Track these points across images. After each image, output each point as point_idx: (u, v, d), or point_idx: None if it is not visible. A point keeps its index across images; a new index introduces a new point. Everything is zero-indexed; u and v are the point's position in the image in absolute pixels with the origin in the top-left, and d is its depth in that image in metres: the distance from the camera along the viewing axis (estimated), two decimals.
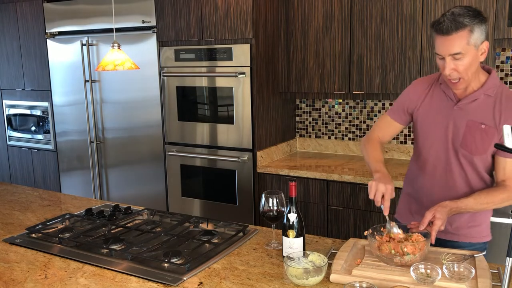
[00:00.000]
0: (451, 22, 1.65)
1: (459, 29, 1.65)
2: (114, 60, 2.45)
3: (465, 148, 1.83)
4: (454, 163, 1.87)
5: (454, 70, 1.71)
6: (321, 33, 3.32)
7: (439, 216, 1.69)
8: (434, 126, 1.89)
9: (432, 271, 1.53)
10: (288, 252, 1.72)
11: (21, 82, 4.51)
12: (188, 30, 3.45)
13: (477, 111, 1.81)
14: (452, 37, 1.66)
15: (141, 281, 1.65)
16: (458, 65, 1.70)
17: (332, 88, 3.33)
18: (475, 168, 1.85)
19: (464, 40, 1.66)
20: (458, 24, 1.65)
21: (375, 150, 2.01)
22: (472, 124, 1.80)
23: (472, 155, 1.82)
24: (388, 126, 2.07)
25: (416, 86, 1.99)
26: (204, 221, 2.19)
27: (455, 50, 1.67)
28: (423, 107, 1.94)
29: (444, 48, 1.69)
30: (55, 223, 2.23)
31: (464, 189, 1.88)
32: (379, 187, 1.74)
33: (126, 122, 3.90)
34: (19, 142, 4.66)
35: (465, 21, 1.65)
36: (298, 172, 3.21)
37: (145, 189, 3.88)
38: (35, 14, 4.25)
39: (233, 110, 3.37)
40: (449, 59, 1.70)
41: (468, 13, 1.67)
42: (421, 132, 1.95)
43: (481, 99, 1.80)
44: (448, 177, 1.90)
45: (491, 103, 1.80)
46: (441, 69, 1.75)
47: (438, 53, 1.72)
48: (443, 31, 1.67)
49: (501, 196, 1.78)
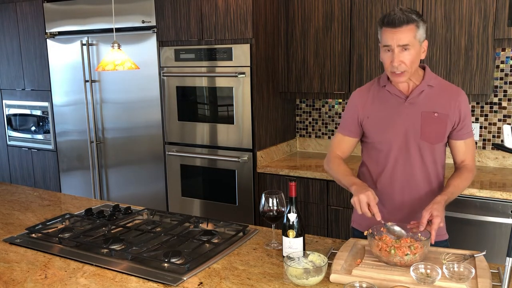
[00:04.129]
0: (402, 15, 1.78)
1: (409, 23, 1.78)
2: (114, 60, 2.45)
3: (426, 139, 1.90)
4: (414, 157, 1.93)
5: (402, 62, 1.81)
6: (321, 33, 3.32)
7: (436, 213, 1.69)
8: (389, 126, 1.94)
9: (432, 271, 1.53)
10: (288, 252, 1.72)
11: (21, 82, 4.51)
12: (188, 30, 3.46)
13: (426, 101, 1.91)
14: (402, 29, 1.78)
15: (141, 281, 1.65)
16: (405, 57, 1.81)
17: (332, 88, 3.33)
18: (435, 161, 1.94)
19: (412, 33, 1.79)
20: (408, 18, 1.78)
21: (339, 165, 2.03)
22: (426, 115, 1.90)
23: (433, 144, 1.91)
24: (343, 144, 2.08)
25: (356, 97, 2.04)
26: (204, 221, 2.19)
27: (404, 41, 1.78)
28: (372, 113, 1.97)
29: (394, 39, 1.79)
30: (55, 223, 2.23)
31: (423, 185, 1.95)
32: (361, 198, 1.75)
33: (126, 122, 3.90)
34: (19, 142, 4.66)
35: (413, 17, 1.80)
36: (298, 172, 3.21)
37: (145, 189, 3.88)
38: (35, 14, 4.25)
39: (233, 110, 3.37)
40: (398, 50, 1.80)
41: (413, 11, 1.82)
42: (377, 136, 1.97)
43: (426, 90, 1.92)
44: (408, 175, 1.94)
45: (436, 93, 1.92)
46: (388, 62, 1.84)
47: (387, 44, 1.81)
48: (396, 22, 1.77)
49: (469, 175, 1.93)
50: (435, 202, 1.74)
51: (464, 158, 1.96)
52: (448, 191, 1.82)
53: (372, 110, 1.98)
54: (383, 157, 1.98)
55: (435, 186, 1.97)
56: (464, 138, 1.94)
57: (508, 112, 3.15)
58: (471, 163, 1.97)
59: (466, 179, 1.92)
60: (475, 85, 2.88)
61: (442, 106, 1.90)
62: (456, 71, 2.92)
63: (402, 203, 1.96)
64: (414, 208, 1.94)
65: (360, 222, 2.11)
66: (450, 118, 1.89)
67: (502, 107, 3.17)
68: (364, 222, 2.06)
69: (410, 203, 1.95)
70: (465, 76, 2.89)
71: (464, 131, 1.93)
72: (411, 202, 1.95)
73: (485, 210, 2.69)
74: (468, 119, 1.93)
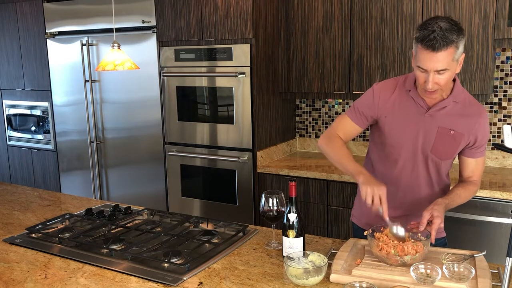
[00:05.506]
0: (442, 39, 1.63)
1: (448, 46, 1.64)
2: (114, 60, 2.45)
3: (436, 154, 1.89)
4: (421, 167, 1.92)
5: (436, 84, 1.72)
6: (321, 33, 3.32)
7: (437, 214, 1.70)
8: (404, 133, 1.90)
9: (432, 271, 1.53)
10: (288, 252, 1.72)
11: (21, 82, 4.51)
12: (188, 30, 3.45)
13: (446, 117, 1.85)
14: (440, 53, 1.64)
15: (141, 281, 1.65)
16: (440, 80, 1.70)
17: (332, 88, 3.33)
18: (439, 172, 1.94)
19: (450, 56, 1.66)
20: (448, 42, 1.63)
21: (342, 147, 1.95)
22: (443, 131, 1.85)
23: (441, 160, 1.90)
24: (348, 128, 2.01)
25: (380, 92, 1.94)
26: (204, 221, 2.19)
27: (442, 67, 1.67)
28: (391, 114, 1.92)
29: (431, 64, 1.67)
30: (55, 223, 2.23)
31: (426, 191, 1.95)
32: (375, 190, 1.72)
33: (126, 122, 3.90)
34: (19, 142, 4.66)
35: (453, 38, 1.64)
36: (298, 172, 3.21)
37: (145, 189, 3.88)
38: (35, 14, 4.25)
39: (233, 110, 3.37)
40: (433, 74, 1.69)
41: (453, 28, 1.65)
42: (390, 139, 1.94)
43: (449, 106, 1.84)
44: (413, 181, 1.94)
45: (458, 110, 1.85)
46: (421, 81, 1.74)
47: (423, 67, 1.69)
48: (435, 48, 1.64)
49: (473, 189, 1.93)
50: (436, 203, 1.74)
51: (472, 175, 1.94)
52: (450, 196, 1.83)
53: (392, 111, 1.91)
54: (390, 161, 1.96)
55: (438, 193, 1.96)
56: (475, 157, 1.91)
57: (508, 112, 3.15)
58: (478, 179, 1.95)
59: (470, 191, 1.91)
60: (475, 85, 2.88)
61: (460, 124, 1.84)
62: None
63: (403, 203, 1.97)
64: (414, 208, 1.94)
65: (360, 218, 2.12)
66: (465, 138, 1.85)
67: (502, 107, 3.17)
68: (364, 219, 2.07)
69: (411, 205, 1.96)
70: (465, 76, 2.89)
71: (477, 150, 1.90)
72: (412, 204, 1.96)
73: (485, 210, 2.69)
74: (484, 141, 1.89)
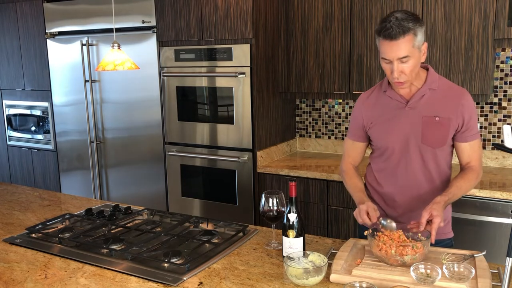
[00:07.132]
0: (397, 27, 1.72)
1: (405, 33, 1.73)
2: (114, 60, 2.45)
3: (426, 143, 1.90)
4: (417, 161, 1.93)
5: (402, 73, 1.79)
6: (321, 33, 3.32)
7: (436, 213, 1.70)
8: (392, 131, 1.94)
9: (432, 271, 1.53)
10: (288, 252, 1.72)
11: (21, 82, 4.51)
12: (188, 30, 3.45)
13: (428, 106, 1.89)
14: (399, 41, 1.73)
15: (141, 281, 1.65)
16: (404, 68, 1.78)
17: (332, 88, 3.33)
18: (438, 163, 1.93)
19: (410, 43, 1.74)
20: (404, 29, 1.72)
21: (351, 178, 2.08)
22: (427, 119, 1.88)
23: (435, 148, 1.90)
24: (354, 149, 2.13)
25: (360, 103, 2.06)
26: (204, 221, 2.19)
27: (402, 54, 1.75)
28: (376, 118, 1.99)
29: (392, 53, 1.76)
30: (55, 223, 2.24)
31: (425, 186, 1.95)
32: (360, 207, 1.82)
33: (126, 122, 3.90)
34: (19, 142, 4.66)
35: (410, 25, 1.73)
36: (298, 172, 3.21)
37: (145, 189, 3.88)
38: (35, 14, 4.25)
39: (233, 110, 3.37)
40: (397, 62, 1.77)
41: (409, 18, 1.75)
42: (381, 141, 1.99)
43: (427, 94, 1.89)
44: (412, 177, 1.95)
45: (438, 96, 1.89)
46: (388, 72, 1.83)
47: (386, 57, 1.78)
48: (392, 36, 1.73)
49: (473, 176, 1.90)
50: (435, 202, 1.74)
51: (469, 160, 1.93)
52: (449, 192, 1.82)
53: (374, 115, 1.99)
54: (385, 160, 1.99)
55: (439, 187, 1.95)
56: (468, 140, 1.91)
57: (508, 112, 3.15)
58: (477, 164, 1.93)
59: (470, 180, 1.89)
60: (475, 85, 2.88)
61: (444, 109, 1.87)
62: (456, 71, 2.92)
63: (403, 203, 1.97)
64: (414, 207, 1.94)
65: None
66: (452, 122, 1.87)
67: (502, 107, 3.17)
68: None
69: (411, 203, 1.96)
70: (465, 76, 2.89)
71: (468, 133, 1.90)
72: (412, 202, 1.96)
73: (485, 210, 2.69)
74: (472, 121, 1.90)
